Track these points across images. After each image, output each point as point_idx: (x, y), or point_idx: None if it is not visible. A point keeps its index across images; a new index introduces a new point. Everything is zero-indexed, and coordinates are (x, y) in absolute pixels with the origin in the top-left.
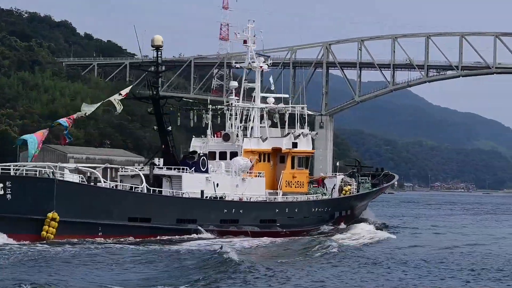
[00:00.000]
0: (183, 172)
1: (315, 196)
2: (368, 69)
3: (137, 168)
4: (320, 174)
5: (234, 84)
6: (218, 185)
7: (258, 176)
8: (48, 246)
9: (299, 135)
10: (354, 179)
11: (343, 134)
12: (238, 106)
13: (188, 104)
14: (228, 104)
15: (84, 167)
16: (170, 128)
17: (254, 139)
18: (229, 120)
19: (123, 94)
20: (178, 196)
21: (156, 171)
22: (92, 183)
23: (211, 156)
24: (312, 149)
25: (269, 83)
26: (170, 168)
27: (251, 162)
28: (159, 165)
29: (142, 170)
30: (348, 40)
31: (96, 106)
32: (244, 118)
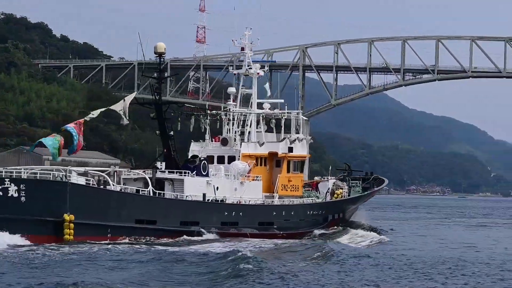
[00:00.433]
0: (185, 175)
1: (309, 199)
2: (345, 72)
3: (141, 172)
4: (314, 178)
5: (232, 90)
6: (218, 188)
7: (256, 180)
8: (68, 247)
9: (295, 140)
10: (345, 183)
11: (319, 138)
12: (235, 111)
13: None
14: (226, 110)
15: (94, 170)
16: (172, 133)
17: (252, 143)
18: (226, 125)
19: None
20: (182, 199)
21: (159, 175)
22: (102, 186)
23: (210, 160)
24: (307, 153)
25: (263, 90)
26: (172, 172)
27: (249, 166)
28: (161, 168)
29: (145, 174)
30: (325, 44)
31: (99, 111)
32: (241, 123)
